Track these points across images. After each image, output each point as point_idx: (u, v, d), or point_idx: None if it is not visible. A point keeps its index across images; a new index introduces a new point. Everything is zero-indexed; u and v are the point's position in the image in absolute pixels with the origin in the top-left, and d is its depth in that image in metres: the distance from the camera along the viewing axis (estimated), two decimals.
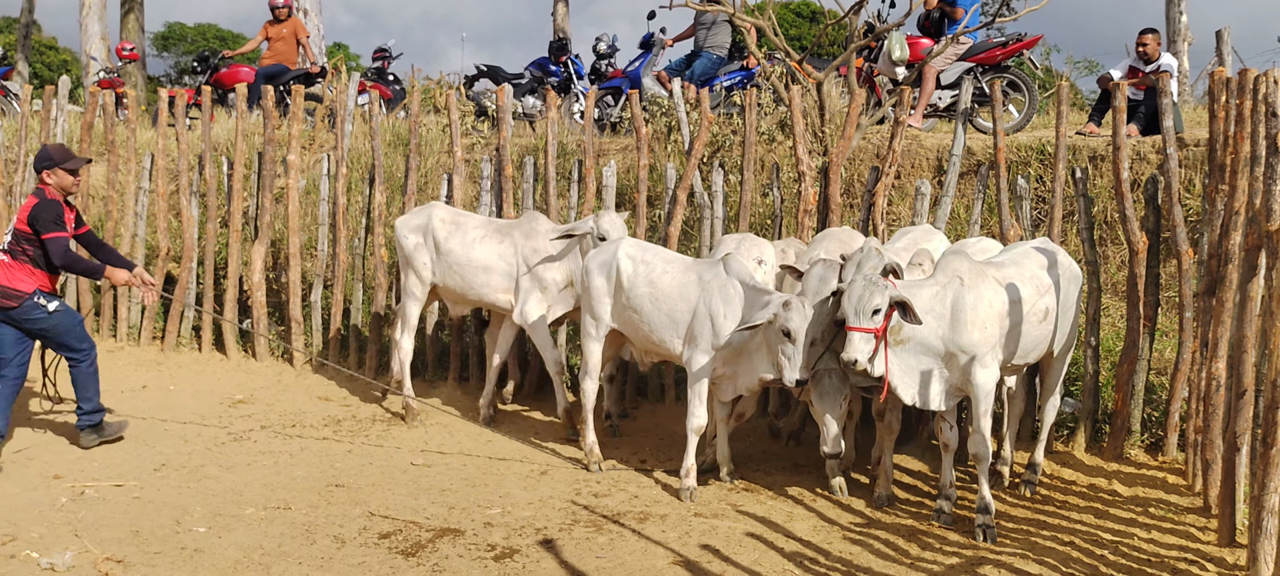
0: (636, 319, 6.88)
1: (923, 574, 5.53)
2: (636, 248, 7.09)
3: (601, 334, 7.15)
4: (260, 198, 10.06)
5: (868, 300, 5.68)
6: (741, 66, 12.46)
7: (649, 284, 6.83)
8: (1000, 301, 6.02)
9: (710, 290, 6.59)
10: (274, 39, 13.86)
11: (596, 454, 7.28)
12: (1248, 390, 5.73)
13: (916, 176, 9.30)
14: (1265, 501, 5.03)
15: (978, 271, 6.04)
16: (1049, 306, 6.26)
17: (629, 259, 6.96)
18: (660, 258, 6.99)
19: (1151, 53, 10.37)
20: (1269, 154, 5.41)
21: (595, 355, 7.20)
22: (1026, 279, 6.22)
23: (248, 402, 8.84)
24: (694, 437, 6.70)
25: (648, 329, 6.84)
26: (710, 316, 6.55)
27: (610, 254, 7.05)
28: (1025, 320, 6.13)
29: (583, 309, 7.28)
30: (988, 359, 5.94)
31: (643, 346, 7.09)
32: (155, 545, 5.70)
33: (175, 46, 28.03)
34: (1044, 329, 6.31)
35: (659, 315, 6.77)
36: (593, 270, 7.10)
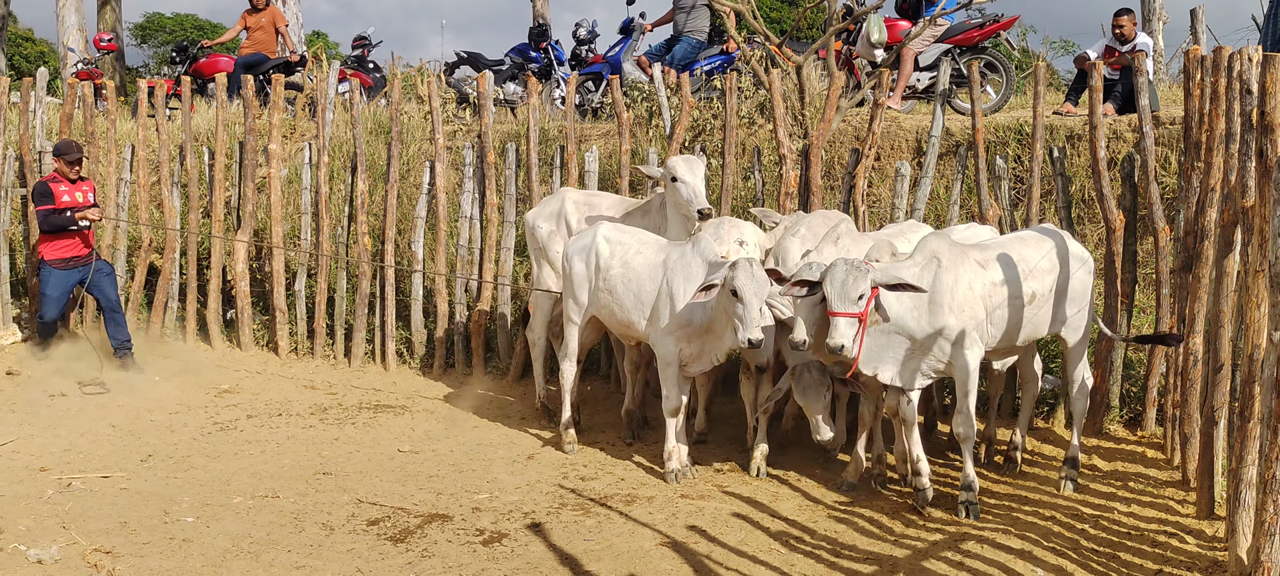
0: (610, 300, 6.96)
1: (907, 550, 5.60)
2: (614, 230, 7.15)
3: (583, 319, 7.21)
4: (242, 187, 10.05)
5: (852, 286, 5.65)
6: (721, 50, 12.48)
7: (623, 265, 6.90)
8: (981, 283, 6.00)
9: (673, 269, 6.65)
10: (253, 28, 13.79)
11: (571, 435, 7.36)
12: (1224, 364, 5.82)
13: (896, 158, 9.36)
14: (1243, 473, 5.11)
15: (957, 253, 6.02)
16: (1037, 290, 6.18)
17: (606, 241, 7.03)
18: (636, 239, 7.05)
19: (1128, 32, 10.45)
20: (1243, 131, 5.49)
21: (575, 340, 7.30)
22: (1012, 262, 6.17)
23: (233, 392, 8.85)
24: (671, 421, 6.73)
25: (620, 310, 6.91)
26: (671, 295, 6.60)
27: (590, 239, 7.11)
28: (1010, 303, 6.10)
29: (564, 294, 7.34)
30: (968, 339, 5.93)
31: (617, 330, 7.19)
32: (144, 535, 5.72)
33: (154, 37, 27.81)
34: (1036, 313, 6.22)
35: (629, 295, 6.84)
36: (573, 256, 7.16)
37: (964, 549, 5.56)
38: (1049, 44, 19.23)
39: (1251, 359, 5.01)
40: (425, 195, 9.69)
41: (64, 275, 9.19)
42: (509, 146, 9.59)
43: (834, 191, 9.12)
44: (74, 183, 9.28)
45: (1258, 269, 5.00)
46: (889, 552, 5.58)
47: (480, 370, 9.39)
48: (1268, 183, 4.86)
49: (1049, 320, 6.38)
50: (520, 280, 9.58)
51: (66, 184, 9.24)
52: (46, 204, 9.14)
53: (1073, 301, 6.45)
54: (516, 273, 9.55)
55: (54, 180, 9.25)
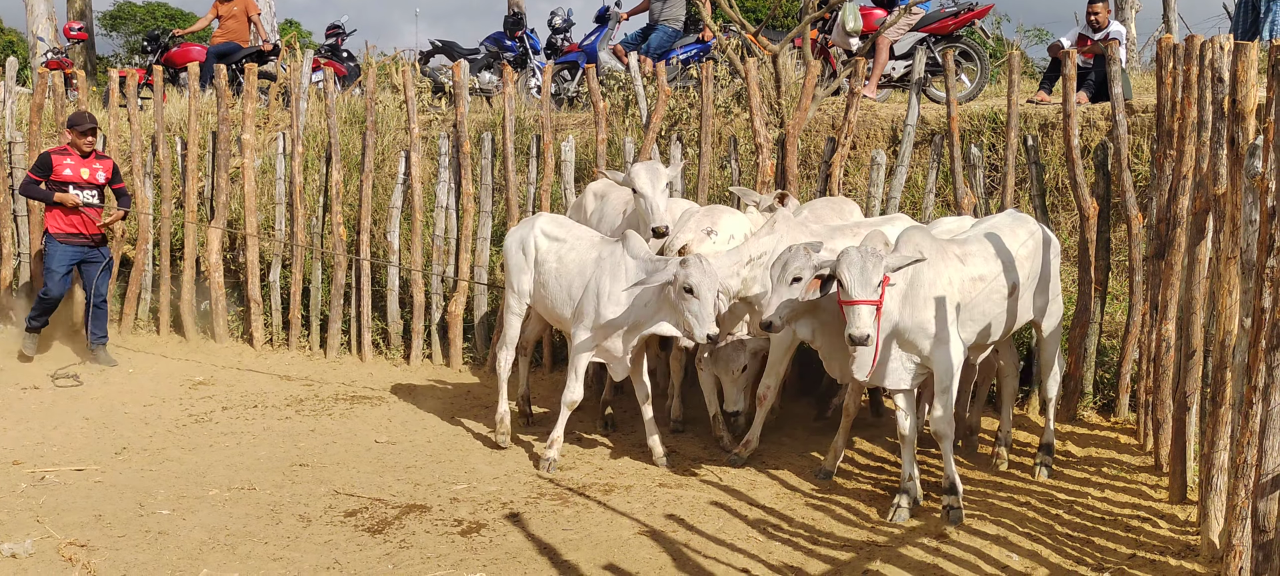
0: (544, 294, 6.99)
1: (885, 536, 5.64)
2: (552, 223, 7.16)
3: (521, 308, 7.23)
4: (215, 178, 9.98)
5: (872, 272, 5.43)
6: (697, 39, 12.48)
7: (557, 259, 6.92)
8: (959, 278, 5.90)
9: (602, 267, 6.65)
10: (225, 17, 13.66)
11: (506, 426, 7.28)
12: (1197, 351, 5.88)
13: (872, 146, 9.39)
14: (1215, 459, 5.18)
15: (938, 248, 5.90)
16: (1015, 281, 6.12)
17: (544, 235, 7.04)
18: (573, 234, 7.05)
19: (1101, 21, 10.51)
20: (1215, 119, 5.54)
21: (514, 328, 7.30)
22: (989, 254, 6.08)
23: (208, 384, 8.79)
24: (566, 411, 6.81)
25: (552, 303, 6.94)
26: (596, 293, 6.60)
27: (528, 230, 7.13)
28: (989, 296, 6.02)
29: (506, 283, 7.36)
30: (948, 336, 5.80)
31: (553, 323, 7.25)
32: (119, 528, 5.68)
33: (124, 26, 27.51)
34: (1013, 304, 6.17)
35: (560, 290, 6.86)
36: (512, 247, 7.20)
37: (941, 535, 5.60)
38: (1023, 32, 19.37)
39: (1223, 345, 5.07)
40: (401, 185, 9.65)
41: (67, 250, 9.00)
42: (485, 136, 9.56)
43: (810, 180, 9.15)
44: (87, 156, 9.08)
45: (1229, 255, 5.05)
46: (867, 539, 5.61)
47: (458, 360, 9.37)
48: (1239, 170, 4.91)
49: (1028, 310, 6.38)
50: (497, 270, 9.57)
51: (75, 158, 9.02)
52: (38, 174, 8.97)
53: (1046, 289, 6.46)
54: (493, 262, 9.53)
55: (61, 152, 9.05)
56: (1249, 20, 10.25)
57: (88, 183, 9.07)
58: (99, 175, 9.14)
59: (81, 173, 9.04)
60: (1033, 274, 6.32)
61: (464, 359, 9.41)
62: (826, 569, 5.22)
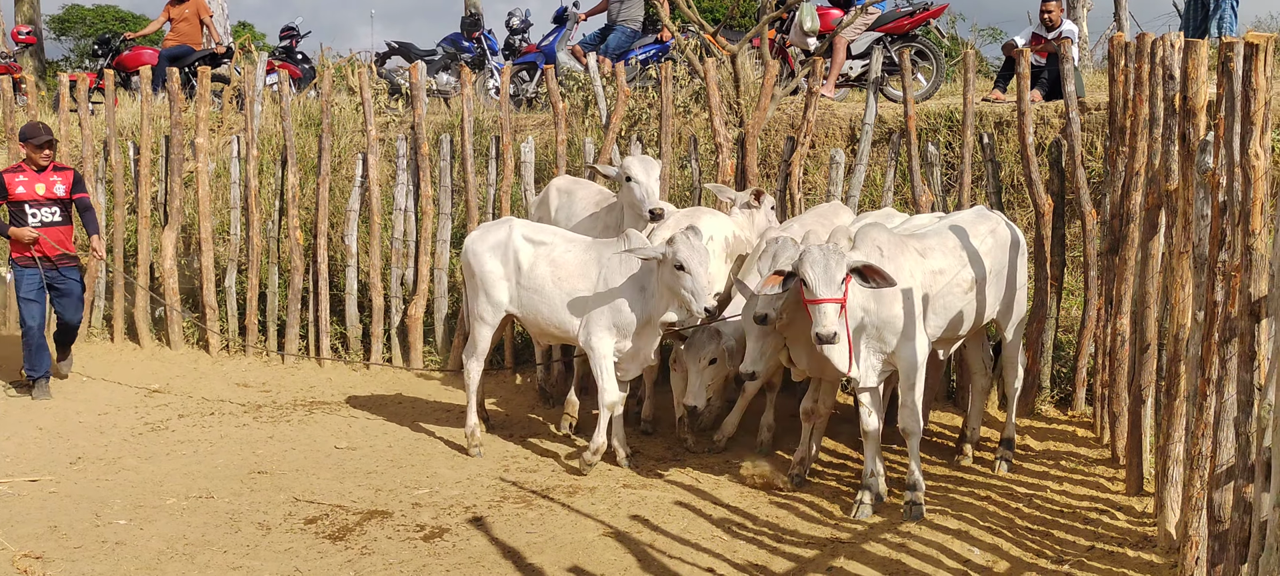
0: (537, 300, 6.82)
1: (848, 533, 5.67)
2: (531, 228, 7.04)
3: (496, 320, 7.03)
4: (169, 182, 9.85)
5: (835, 269, 5.45)
6: (656, 40, 12.48)
7: (551, 264, 6.79)
8: (921, 273, 5.91)
9: (609, 267, 6.60)
10: (177, 20, 13.50)
11: (477, 437, 7.18)
12: (1151, 344, 5.96)
13: (831, 145, 9.44)
14: (1170, 450, 5.25)
15: (897, 244, 5.91)
16: (976, 276, 6.14)
17: (526, 240, 6.89)
18: (560, 237, 6.97)
19: (1055, 19, 10.62)
20: (1166, 116, 5.62)
21: (486, 340, 7.10)
22: (950, 249, 6.12)
23: (164, 392, 8.68)
24: (606, 413, 6.66)
25: (548, 310, 6.79)
26: (609, 291, 6.56)
27: (504, 236, 6.95)
28: (950, 291, 6.05)
29: (471, 293, 7.15)
30: (911, 331, 5.81)
31: (541, 329, 7.01)
32: (75, 539, 5.59)
33: (73, 29, 27.07)
34: (975, 299, 6.18)
35: (560, 295, 6.73)
36: (484, 253, 6.96)
37: (903, 531, 5.63)
38: (977, 32, 19.50)
39: (1177, 338, 5.14)
40: (358, 188, 9.57)
41: (34, 274, 8.26)
42: (443, 138, 9.51)
43: (770, 179, 9.18)
44: (43, 171, 8.31)
45: (1182, 250, 5.12)
46: (830, 536, 5.64)
47: (418, 364, 9.32)
48: (1190, 166, 4.98)
49: (993, 305, 6.37)
50: (456, 272, 9.51)
51: (30, 173, 8.28)
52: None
53: (1011, 285, 6.48)
54: (453, 265, 9.48)
55: (14, 170, 8.34)
56: (1198, 18, 10.42)
57: (46, 199, 8.31)
58: (57, 188, 8.37)
59: (36, 189, 8.29)
60: (996, 269, 6.32)
61: (425, 362, 9.36)
62: (791, 566, 5.24)
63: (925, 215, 7.20)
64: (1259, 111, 3.83)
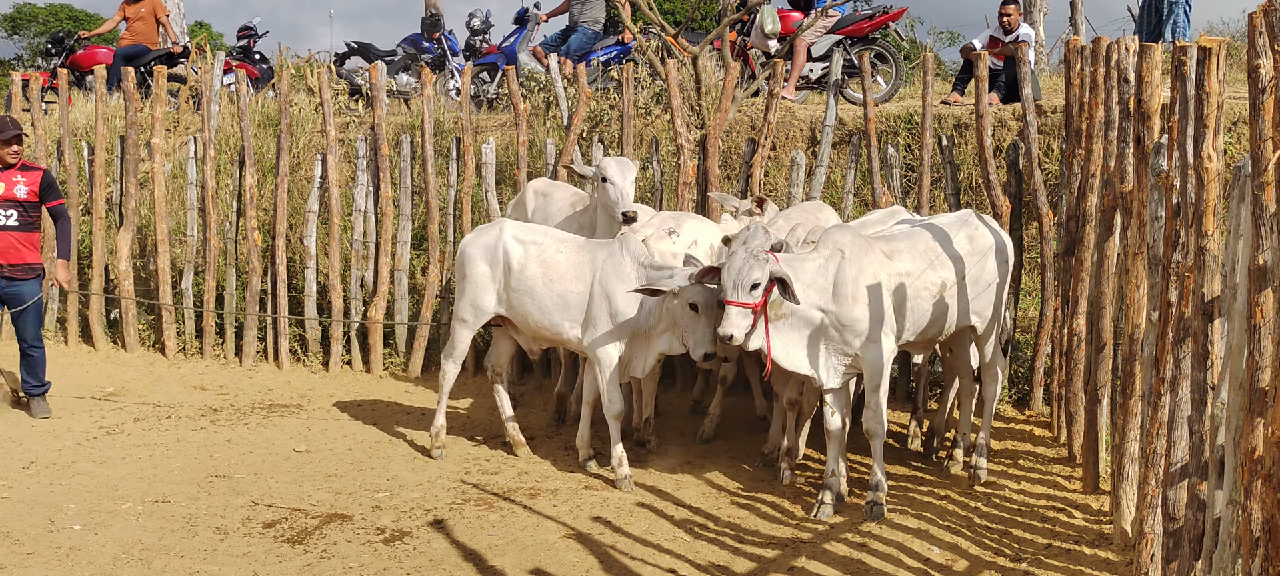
0: (528, 303, 6.70)
1: (809, 533, 5.69)
2: (523, 229, 6.93)
3: (478, 323, 6.97)
4: (124, 183, 9.73)
5: (746, 274, 5.56)
6: (617, 41, 12.48)
7: (542, 265, 6.67)
8: (886, 274, 5.89)
9: (606, 271, 6.48)
10: (132, 18, 13.33)
11: (442, 438, 7.13)
12: (1106, 344, 6.04)
13: (791, 147, 9.48)
14: (1126, 449, 5.31)
15: (861, 245, 5.91)
16: (945, 279, 6.08)
17: (518, 242, 6.78)
18: (552, 238, 6.84)
19: (1013, 22, 10.72)
20: (1121, 118, 5.69)
21: (465, 342, 7.05)
22: (919, 252, 6.07)
23: (119, 395, 8.56)
24: (614, 424, 6.55)
25: (539, 313, 6.68)
26: (607, 297, 6.45)
27: (494, 237, 6.85)
28: (918, 294, 6.00)
29: (458, 293, 7.06)
30: (875, 333, 5.82)
31: (532, 332, 6.89)
32: (28, 545, 5.50)
33: (26, 28, 26.66)
34: (946, 302, 6.12)
35: (551, 297, 6.63)
36: (475, 256, 6.86)
37: (863, 531, 5.67)
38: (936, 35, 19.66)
39: (1132, 338, 5.20)
40: (317, 189, 9.50)
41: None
42: (403, 138, 9.46)
43: (732, 181, 9.20)
44: (8, 169, 7.66)
45: (1136, 251, 5.19)
46: (792, 536, 5.66)
47: (378, 367, 9.25)
48: (1145, 168, 5.05)
49: (968, 308, 6.28)
50: (417, 274, 9.46)
51: None
52: None
53: (988, 288, 6.37)
54: (413, 266, 9.43)
55: None
56: (1153, 22, 10.55)
57: (3, 200, 7.64)
58: (19, 189, 7.67)
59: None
60: (973, 274, 6.23)
61: (385, 365, 9.30)
62: (753, 566, 5.25)
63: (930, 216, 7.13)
64: (1212, 114, 3.89)
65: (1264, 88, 3.24)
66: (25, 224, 7.73)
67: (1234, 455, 3.41)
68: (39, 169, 7.87)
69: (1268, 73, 3.23)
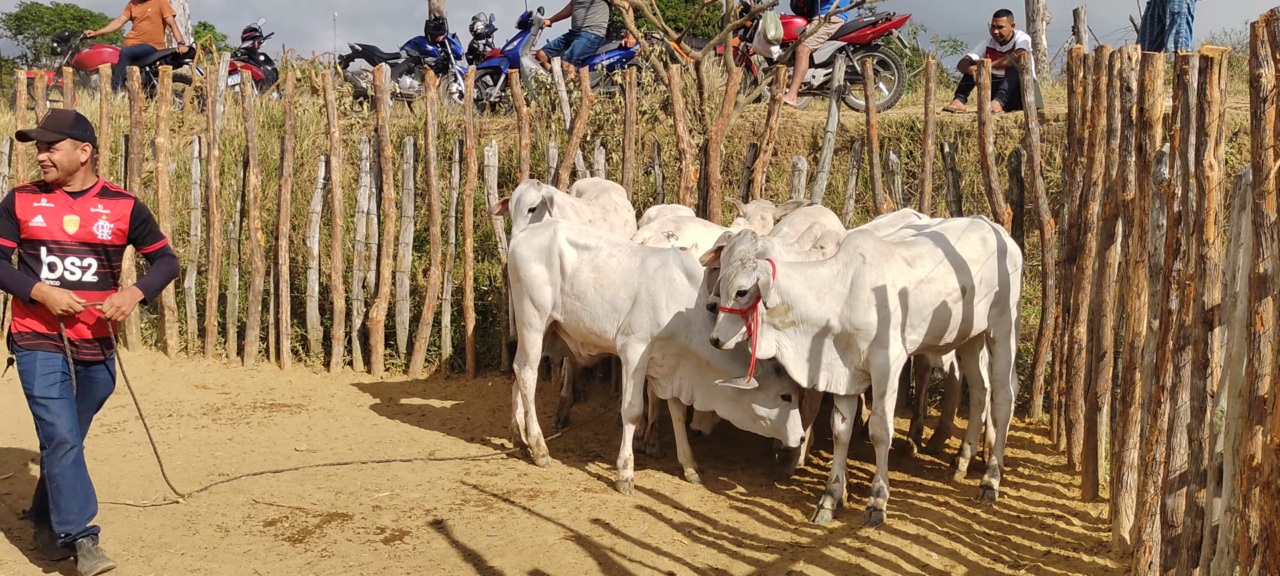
0: (578, 307, 6.63)
1: (808, 537, 5.70)
2: (577, 232, 6.80)
3: (543, 323, 6.81)
4: (128, 182, 9.75)
5: (733, 282, 5.61)
6: (620, 46, 12.51)
7: (594, 270, 6.59)
8: (904, 281, 5.87)
9: (655, 280, 6.38)
10: (138, 18, 13.38)
11: (543, 447, 6.98)
12: (1107, 352, 6.04)
13: (793, 153, 9.50)
14: (1125, 457, 5.32)
15: (882, 251, 5.90)
16: (965, 284, 6.04)
17: (572, 246, 6.69)
18: (606, 243, 6.73)
19: (1006, 33, 10.75)
20: (1124, 127, 5.70)
21: (536, 346, 6.88)
22: (940, 257, 6.04)
23: (120, 393, 8.54)
24: (629, 427, 6.52)
25: (589, 318, 6.60)
26: (651, 305, 6.38)
27: (548, 239, 6.74)
28: (938, 299, 5.97)
29: (517, 297, 6.92)
30: (888, 339, 5.81)
31: (581, 338, 6.81)
32: (27, 542, 5.50)
33: (31, 27, 26.69)
34: (965, 309, 6.09)
35: (601, 303, 6.54)
36: (529, 257, 6.75)
37: (862, 536, 5.67)
38: (938, 43, 19.73)
39: (1132, 346, 5.21)
40: (320, 190, 9.52)
41: (51, 360, 5.01)
42: (406, 140, 9.48)
43: (733, 186, 9.22)
44: (79, 197, 5.04)
45: (1138, 259, 5.20)
46: (790, 541, 5.67)
47: (379, 368, 9.27)
48: (1146, 176, 5.06)
49: (983, 315, 6.22)
50: (419, 276, 9.47)
51: (57, 199, 5.00)
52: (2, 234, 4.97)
53: (1003, 297, 6.30)
54: (415, 268, 9.45)
55: (31, 190, 5.05)
56: (1155, 32, 10.58)
57: (75, 243, 5.03)
58: (102, 228, 5.08)
59: (65, 226, 4.99)
60: (988, 279, 6.20)
61: (386, 365, 9.31)
62: (751, 570, 5.26)
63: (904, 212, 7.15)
64: (1213, 123, 3.91)
65: (1265, 97, 3.25)
66: (105, 278, 5.16)
67: (1233, 463, 3.42)
68: (128, 197, 5.24)
69: (1269, 82, 3.24)
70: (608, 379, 8.62)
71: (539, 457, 6.95)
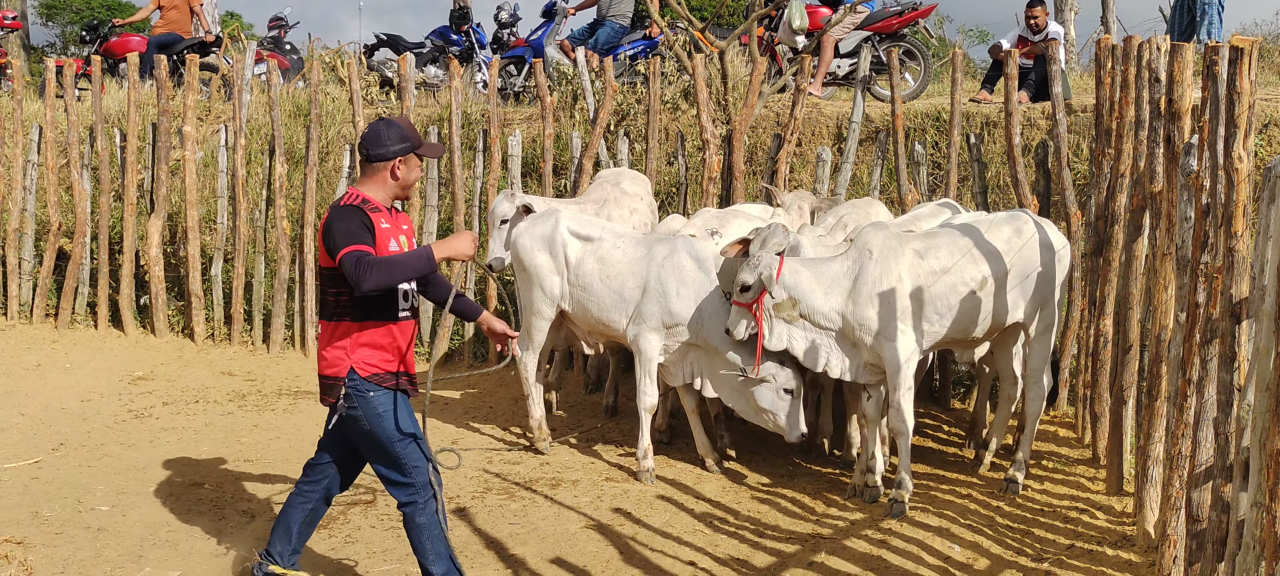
0: (584, 298, 6.64)
1: (830, 529, 5.69)
2: (579, 223, 6.80)
3: (553, 312, 6.80)
4: (156, 170, 9.82)
5: (736, 277, 5.78)
6: (644, 36, 12.49)
7: (599, 260, 6.60)
8: (914, 273, 5.85)
9: (664, 268, 6.39)
10: (166, 7, 13.47)
11: (545, 431, 7.04)
12: (1133, 345, 6.00)
13: (817, 143, 9.47)
14: (1150, 451, 5.29)
15: (891, 245, 5.88)
16: (985, 274, 5.96)
17: (573, 235, 6.69)
18: (610, 232, 6.75)
19: (1040, 23, 10.67)
20: (1152, 118, 5.65)
21: (543, 333, 6.89)
22: (958, 247, 5.98)
23: (148, 379, 8.65)
24: (646, 416, 6.51)
25: (596, 308, 6.61)
26: (661, 293, 6.38)
27: (551, 229, 6.74)
28: (952, 289, 5.91)
29: (524, 286, 6.90)
30: (894, 333, 5.80)
31: (588, 327, 6.83)
32: (57, 525, 5.58)
33: (60, 15, 26.88)
34: (993, 300, 6.00)
35: (608, 293, 6.55)
36: (533, 247, 6.74)
37: (884, 528, 5.66)
38: (965, 33, 19.59)
39: (1159, 340, 5.18)
40: (345, 178, 9.56)
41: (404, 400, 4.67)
42: (431, 130, 9.51)
43: (757, 176, 9.20)
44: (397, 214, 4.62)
45: (1165, 252, 5.16)
46: (812, 532, 5.66)
47: None
48: (1175, 168, 5.02)
49: (1011, 308, 6.11)
50: (442, 265, 9.49)
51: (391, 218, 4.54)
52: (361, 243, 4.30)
53: (1044, 289, 6.18)
54: None
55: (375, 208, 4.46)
56: (1185, 22, 10.47)
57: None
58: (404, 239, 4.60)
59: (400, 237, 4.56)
60: (1021, 270, 6.08)
61: None
62: (772, 561, 5.26)
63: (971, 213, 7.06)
64: (1243, 115, 3.87)
65: None
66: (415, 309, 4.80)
67: (1259, 457, 3.39)
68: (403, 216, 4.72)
69: None
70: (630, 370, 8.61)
71: (540, 442, 6.99)
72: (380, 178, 4.49)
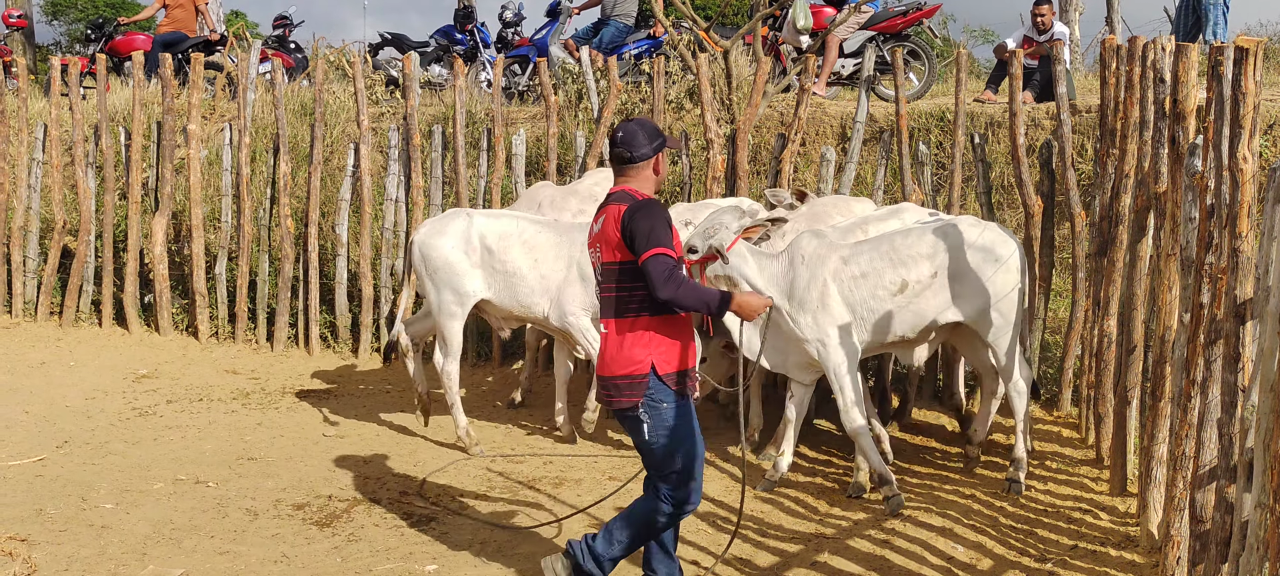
0: (514, 286, 6.81)
1: (832, 529, 5.69)
2: (490, 216, 7.00)
3: (466, 311, 6.90)
4: (160, 168, 9.84)
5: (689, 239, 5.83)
6: (649, 35, 12.49)
7: (524, 246, 6.79)
8: (838, 279, 6.04)
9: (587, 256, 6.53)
10: (171, 6, 13.48)
11: (472, 435, 7.06)
12: (1137, 346, 5.99)
13: (821, 143, 9.46)
14: (1154, 451, 5.28)
15: (821, 251, 6.09)
16: (904, 280, 6.01)
17: (492, 230, 6.85)
18: (528, 220, 6.99)
19: (1047, 22, 10.66)
20: (1157, 118, 5.65)
21: (458, 336, 6.98)
22: (882, 252, 6.08)
23: (152, 377, 8.67)
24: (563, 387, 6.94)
25: (525, 291, 6.79)
26: (583, 277, 6.63)
27: (464, 227, 6.83)
28: (875, 296, 6.04)
29: (433, 288, 6.88)
30: (825, 336, 6.02)
31: (510, 310, 6.93)
32: (61, 523, 5.58)
33: (66, 13, 26.95)
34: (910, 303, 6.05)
35: (535, 276, 6.76)
36: (446, 247, 6.79)
37: (888, 528, 5.66)
38: (969, 33, 19.59)
39: (1163, 340, 5.17)
40: (349, 177, 9.57)
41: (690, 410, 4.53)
42: (435, 129, 9.51)
43: (761, 176, 9.20)
44: None
45: (1169, 253, 5.15)
46: (815, 531, 5.66)
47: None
48: (1179, 168, 5.01)
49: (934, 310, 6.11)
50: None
51: None
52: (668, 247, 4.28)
53: (975, 291, 6.15)
54: None
55: None
56: (1190, 22, 10.46)
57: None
58: None
59: None
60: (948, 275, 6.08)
61: None
62: (775, 560, 5.26)
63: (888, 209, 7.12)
64: (1248, 115, 3.86)
65: None
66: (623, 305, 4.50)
67: (1263, 458, 3.38)
68: None
69: None
70: None
71: (471, 447, 6.99)
72: (644, 175, 4.51)
